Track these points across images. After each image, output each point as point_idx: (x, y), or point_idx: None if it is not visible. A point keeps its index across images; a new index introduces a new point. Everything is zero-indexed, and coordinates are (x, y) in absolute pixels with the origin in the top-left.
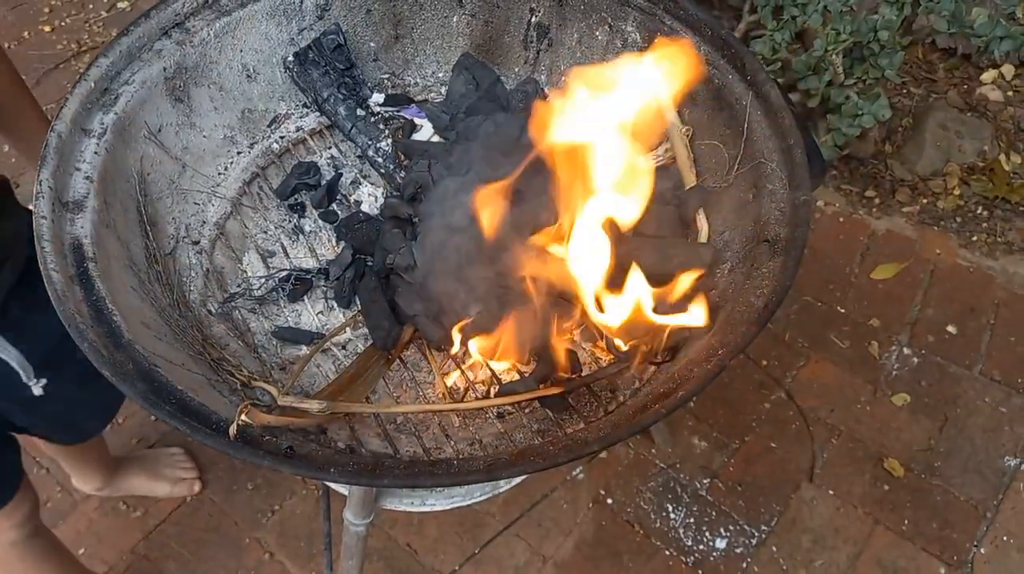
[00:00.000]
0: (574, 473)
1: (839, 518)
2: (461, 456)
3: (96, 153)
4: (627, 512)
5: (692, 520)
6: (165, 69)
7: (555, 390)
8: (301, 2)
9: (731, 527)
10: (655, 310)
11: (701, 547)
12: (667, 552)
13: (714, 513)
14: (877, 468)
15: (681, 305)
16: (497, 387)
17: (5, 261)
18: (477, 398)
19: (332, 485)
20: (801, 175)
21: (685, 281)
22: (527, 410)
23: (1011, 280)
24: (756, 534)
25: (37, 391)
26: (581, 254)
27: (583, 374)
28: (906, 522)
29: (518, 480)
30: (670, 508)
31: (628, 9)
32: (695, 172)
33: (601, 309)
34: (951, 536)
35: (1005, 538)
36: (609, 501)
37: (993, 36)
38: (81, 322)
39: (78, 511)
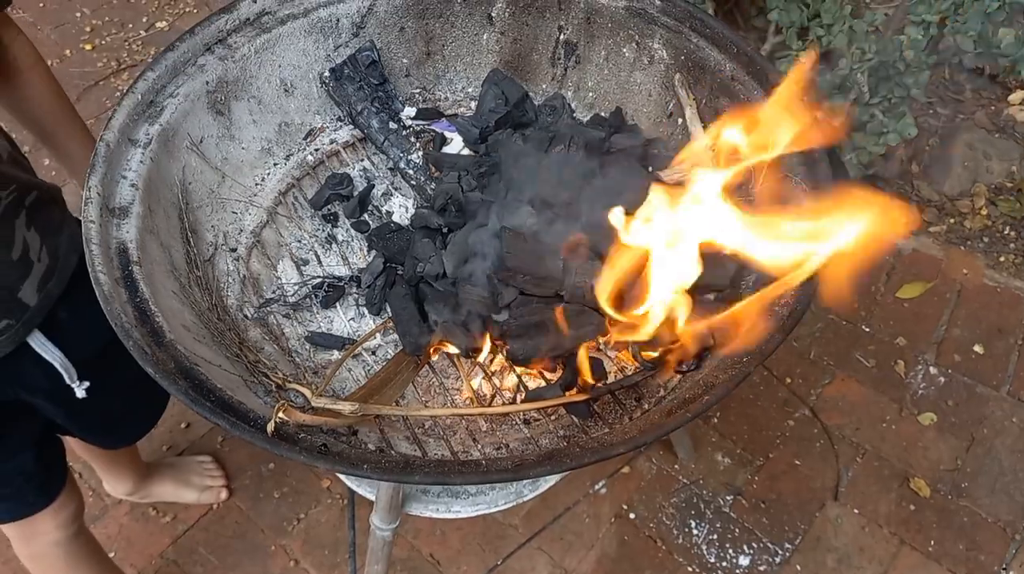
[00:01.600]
0: (596, 487)
1: (864, 537)
2: (489, 458)
3: (141, 162)
4: (650, 527)
5: (715, 537)
6: (207, 83)
7: (581, 396)
8: (338, 20)
9: (755, 544)
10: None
11: (724, 564)
12: (690, 568)
13: (737, 530)
14: (903, 487)
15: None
16: (524, 393)
17: (55, 271)
18: (504, 403)
19: (359, 490)
20: (825, 188)
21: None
22: (553, 417)
23: None
24: (780, 552)
25: (80, 393)
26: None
27: (608, 381)
28: (932, 542)
29: (542, 489)
30: (693, 524)
31: (655, 27)
32: None
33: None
34: (979, 557)
35: None
36: (632, 516)
37: (1020, 56)
38: (126, 321)
39: (109, 515)
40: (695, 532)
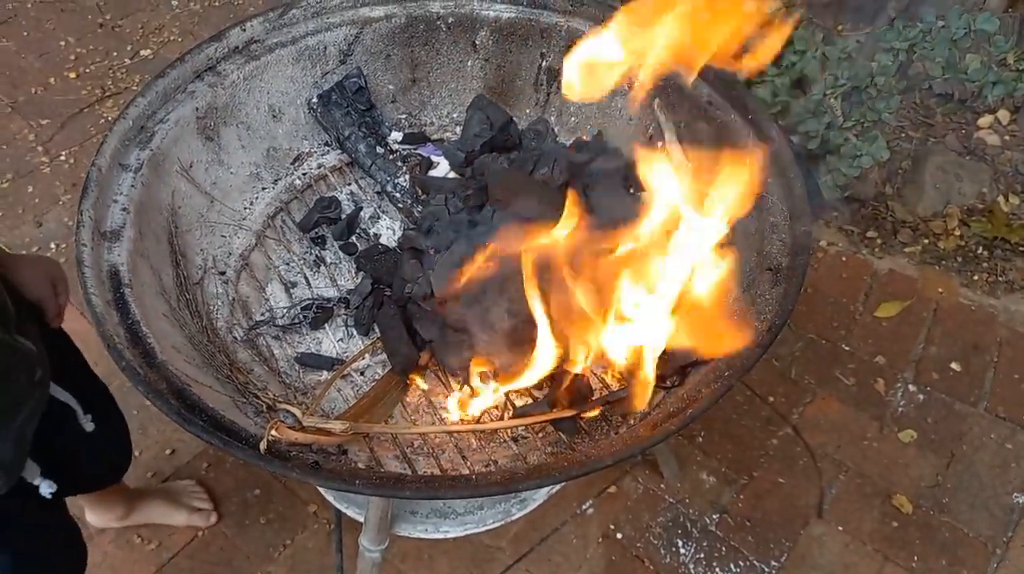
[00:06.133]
0: (583, 507)
1: (848, 555)
2: (479, 473)
3: (132, 186)
4: (637, 547)
5: (702, 555)
6: (197, 109)
7: (568, 413)
8: (325, 48)
9: (741, 563)
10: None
11: None
12: None
13: (724, 548)
14: (885, 504)
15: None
16: (512, 410)
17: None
18: (493, 421)
19: (347, 512)
20: (801, 208)
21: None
22: (540, 434)
23: (1013, 318)
24: (766, 570)
25: (88, 426)
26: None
27: (594, 398)
28: (916, 559)
29: (531, 508)
30: (680, 543)
31: None
32: None
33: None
34: (961, 572)
35: None
36: (619, 536)
37: (986, 81)
38: (118, 342)
39: (93, 543)
40: (682, 551)
